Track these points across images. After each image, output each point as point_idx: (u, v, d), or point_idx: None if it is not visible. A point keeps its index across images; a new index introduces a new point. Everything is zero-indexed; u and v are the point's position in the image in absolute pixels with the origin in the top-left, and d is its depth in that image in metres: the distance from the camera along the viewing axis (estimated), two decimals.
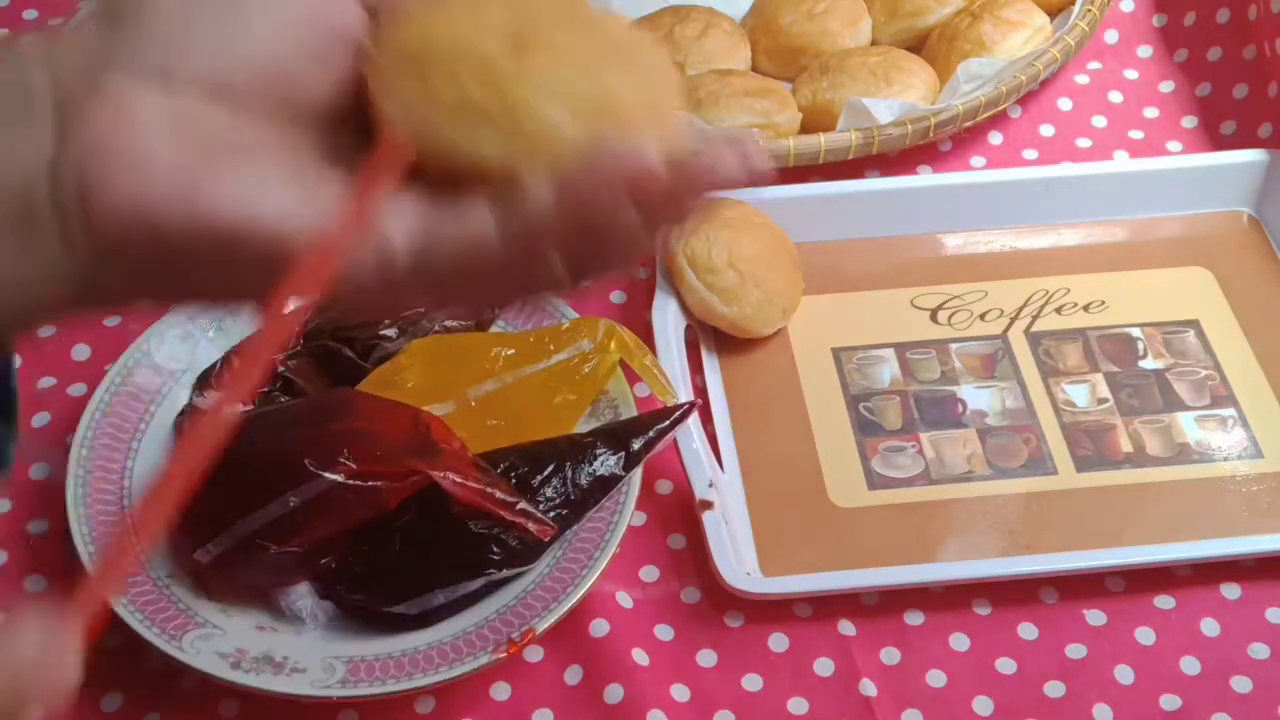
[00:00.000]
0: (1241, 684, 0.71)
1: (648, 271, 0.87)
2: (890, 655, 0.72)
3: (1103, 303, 0.87)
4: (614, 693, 0.70)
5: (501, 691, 0.70)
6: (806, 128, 0.93)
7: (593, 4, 0.44)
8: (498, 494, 0.69)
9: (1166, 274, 0.89)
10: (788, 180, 0.90)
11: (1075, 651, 0.72)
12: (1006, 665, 0.72)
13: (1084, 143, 0.97)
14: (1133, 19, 1.04)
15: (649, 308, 0.83)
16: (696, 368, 0.83)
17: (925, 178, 0.94)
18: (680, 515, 0.76)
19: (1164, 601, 0.74)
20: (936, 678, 0.71)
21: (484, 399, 0.76)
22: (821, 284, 0.87)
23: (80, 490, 0.72)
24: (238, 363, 0.62)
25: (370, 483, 0.68)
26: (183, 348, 0.79)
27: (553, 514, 0.71)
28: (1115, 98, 1.00)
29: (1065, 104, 0.99)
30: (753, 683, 0.71)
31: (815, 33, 0.98)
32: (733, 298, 0.82)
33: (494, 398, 0.76)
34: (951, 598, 0.74)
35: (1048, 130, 0.98)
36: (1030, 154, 0.96)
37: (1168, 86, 1.00)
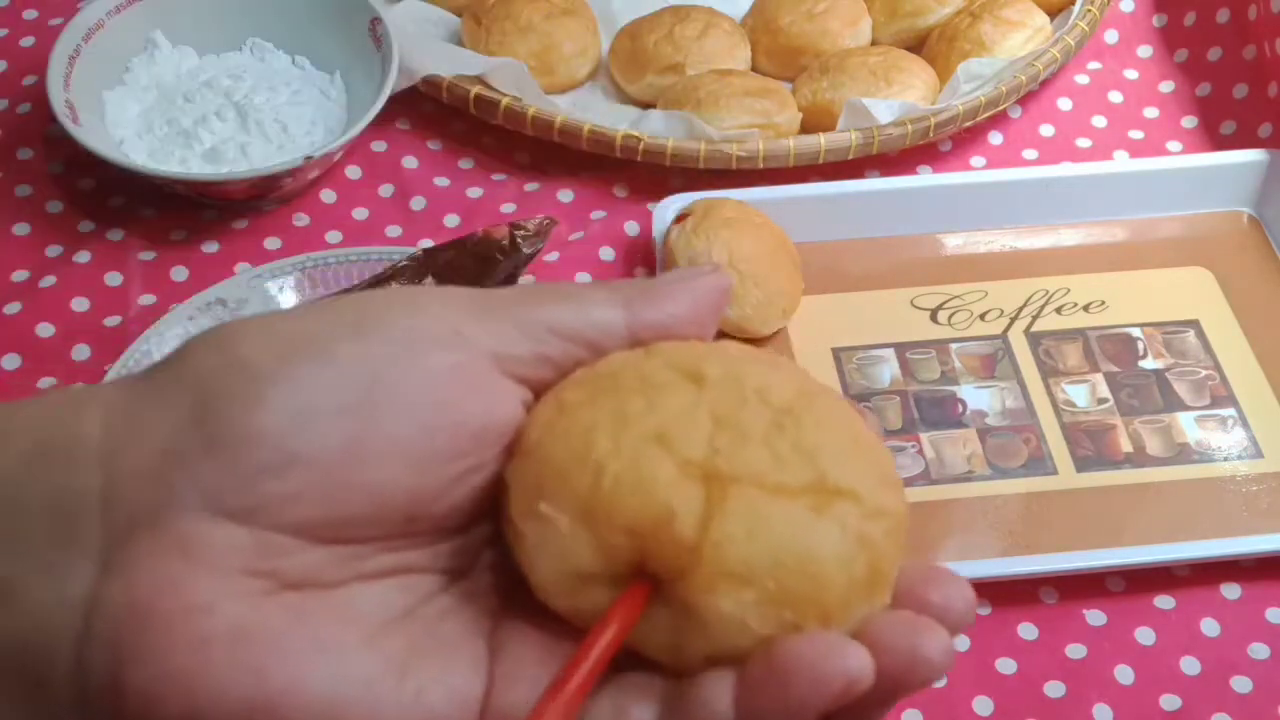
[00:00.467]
0: (1241, 684, 0.71)
1: (647, 271, 0.87)
2: None
3: (1103, 303, 0.87)
4: None
5: None
6: (806, 128, 0.93)
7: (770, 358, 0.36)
8: None
9: (1166, 274, 0.89)
10: (788, 180, 0.90)
11: (1075, 651, 0.72)
12: (1006, 665, 0.72)
13: (1084, 143, 0.97)
14: (1133, 19, 1.04)
15: None
16: None
17: (925, 178, 0.94)
18: None
19: (1164, 601, 0.74)
20: None
21: None
22: (821, 284, 0.87)
23: None
24: None
25: None
26: None
27: None
28: (1115, 98, 1.00)
29: (1065, 104, 0.99)
30: None
31: (815, 33, 0.98)
32: (733, 298, 0.82)
33: None
34: None
35: (1048, 130, 0.98)
36: (1030, 154, 0.96)
37: (1168, 86, 1.00)
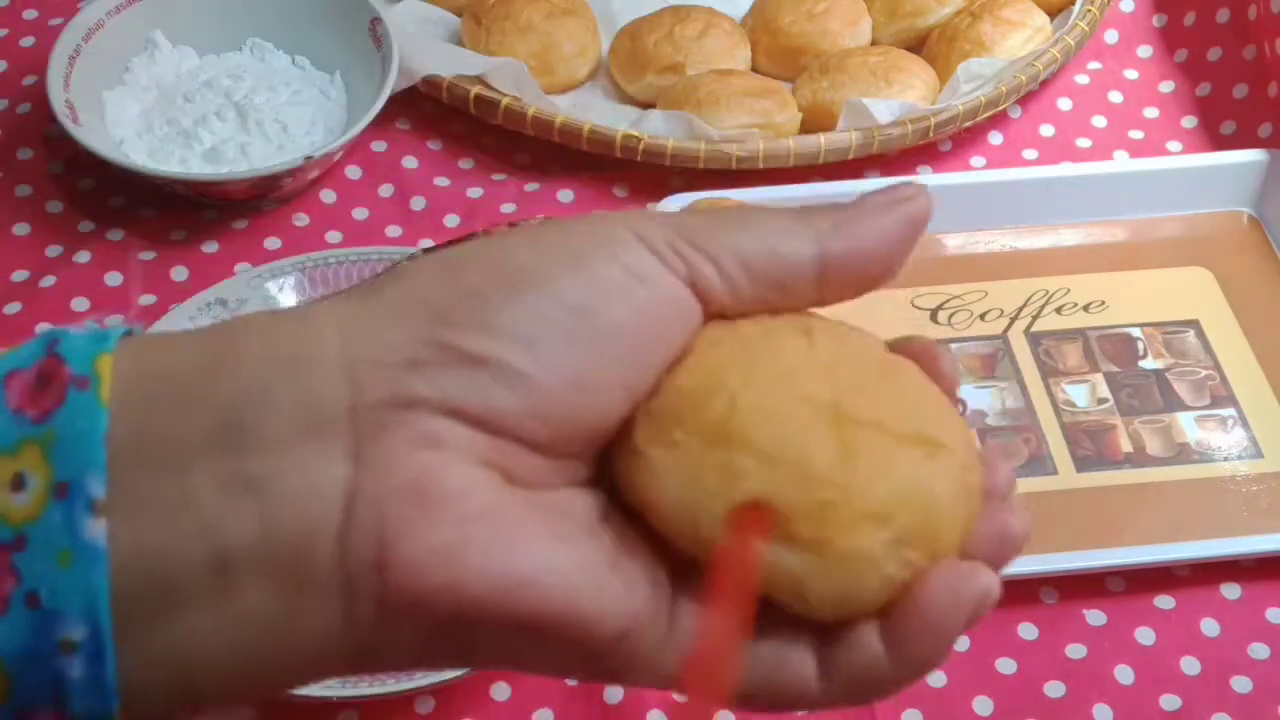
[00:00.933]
0: (1241, 684, 0.71)
1: None
2: None
3: (1103, 303, 0.87)
4: (614, 693, 0.70)
5: (501, 691, 0.70)
6: (806, 128, 0.93)
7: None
8: None
9: (1166, 274, 0.89)
10: (788, 180, 0.90)
11: (1075, 651, 0.72)
12: (1006, 665, 0.72)
13: (1084, 143, 0.97)
14: (1133, 19, 1.04)
15: None
16: None
17: (925, 178, 0.94)
18: None
19: (1164, 601, 0.74)
20: (936, 678, 0.71)
21: None
22: None
23: None
24: None
25: None
26: None
27: None
28: (1115, 98, 1.00)
29: (1065, 104, 0.99)
30: None
31: (815, 33, 0.98)
32: None
33: None
34: None
35: (1048, 130, 0.98)
36: (1030, 154, 0.96)
37: (1168, 86, 1.00)
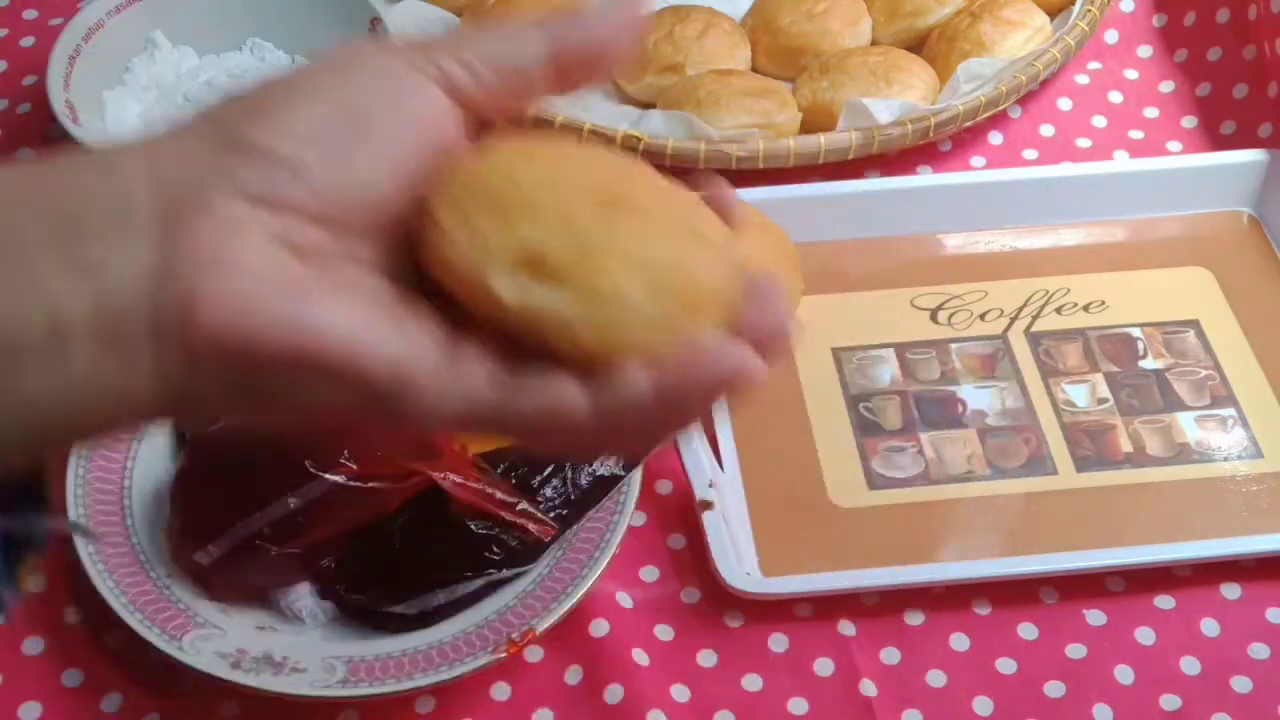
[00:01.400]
0: (1241, 684, 0.71)
1: None
2: (890, 655, 0.72)
3: (1103, 303, 0.87)
4: (614, 693, 0.70)
5: (501, 691, 0.70)
6: (806, 128, 0.93)
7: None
8: (498, 494, 0.69)
9: (1166, 274, 0.89)
10: (788, 180, 0.90)
11: (1075, 651, 0.72)
12: (1006, 665, 0.72)
13: (1084, 143, 0.97)
14: (1133, 19, 1.04)
15: None
16: None
17: (925, 178, 0.94)
18: (680, 515, 0.76)
19: (1164, 601, 0.74)
20: (936, 678, 0.71)
21: None
22: (821, 284, 0.87)
23: (80, 490, 0.72)
24: None
25: (370, 484, 0.68)
26: None
27: (553, 514, 0.71)
28: (1115, 98, 1.00)
29: (1065, 104, 0.99)
30: (753, 683, 0.71)
31: (815, 33, 0.98)
32: None
33: None
34: (951, 598, 0.74)
35: (1048, 130, 0.98)
36: (1030, 154, 0.96)
37: (1168, 86, 1.00)
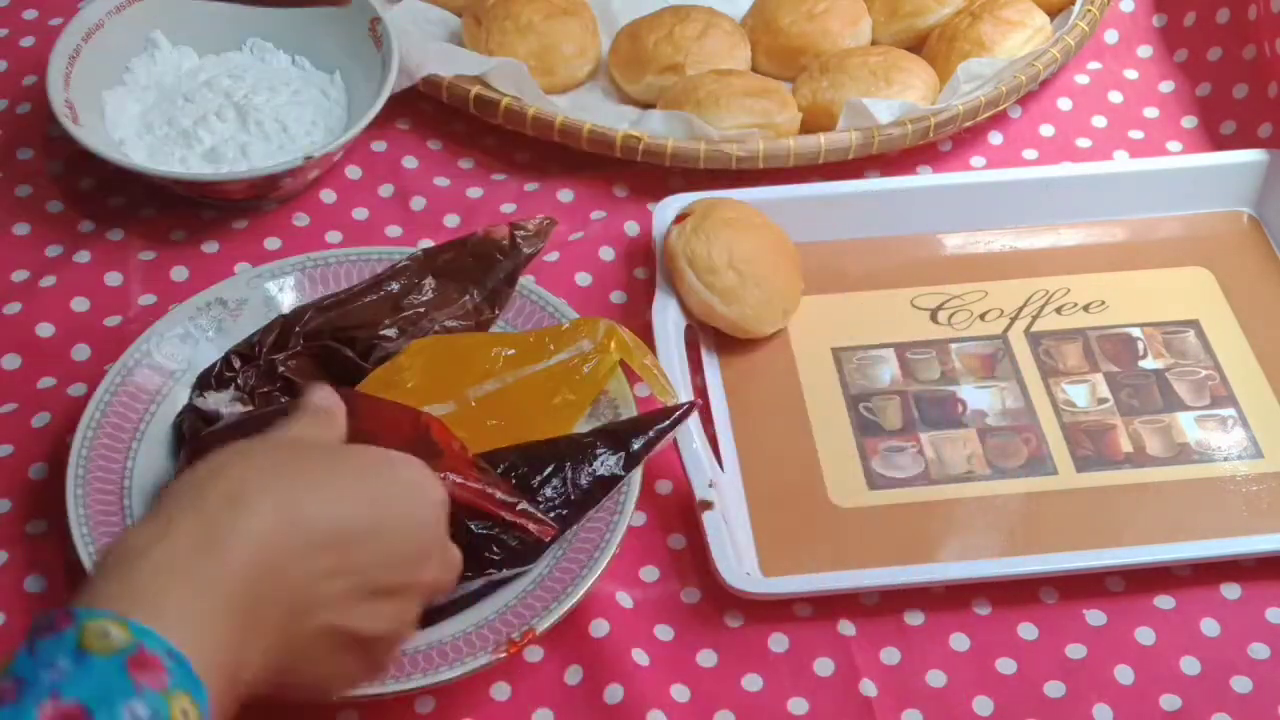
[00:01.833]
0: (1241, 684, 0.71)
1: (647, 271, 0.87)
2: (890, 655, 0.72)
3: (1103, 303, 0.87)
4: (614, 693, 0.70)
5: (501, 691, 0.70)
6: (806, 128, 0.93)
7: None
8: (498, 494, 0.69)
9: (1166, 274, 0.89)
10: (788, 180, 0.90)
11: (1075, 651, 0.72)
12: (1006, 665, 0.72)
13: (1084, 143, 0.97)
14: (1133, 19, 1.04)
15: (649, 308, 0.83)
16: (696, 368, 0.83)
17: (925, 178, 0.94)
18: (680, 515, 0.76)
19: (1164, 601, 0.74)
20: (936, 678, 0.71)
21: (484, 399, 0.76)
22: (821, 284, 0.87)
23: (80, 490, 0.72)
24: None
25: None
26: (182, 348, 0.79)
27: (553, 514, 0.71)
28: (1115, 98, 1.00)
29: (1065, 104, 0.99)
30: (753, 683, 0.71)
31: (815, 33, 0.98)
32: (733, 298, 0.82)
33: (494, 398, 0.76)
34: (951, 598, 0.74)
35: (1048, 130, 0.98)
36: (1030, 154, 0.96)
37: (1168, 86, 1.00)
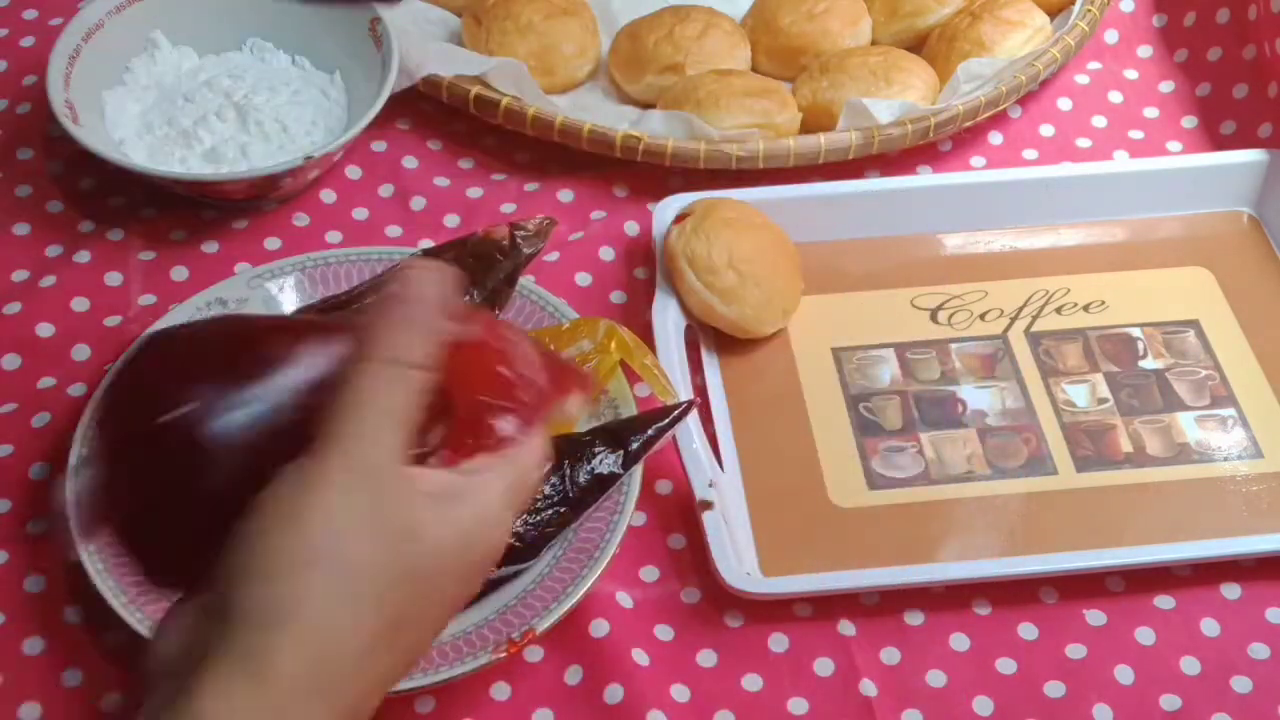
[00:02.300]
0: (1241, 684, 0.71)
1: (647, 271, 0.87)
2: (890, 655, 0.72)
3: (1103, 303, 0.87)
4: (614, 693, 0.70)
5: (501, 691, 0.70)
6: (806, 128, 0.93)
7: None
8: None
9: (1166, 274, 0.89)
10: (788, 180, 0.90)
11: (1075, 651, 0.72)
12: (1006, 665, 0.72)
13: (1084, 143, 0.97)
14: (1133, 19, 1.04)
15: (649, 308, 0.83)
16: (696, 368, 0.83)
17: (925, 178, 0.94)
18: (680, 515, 0.76)
19: (1164, 601, 0.74)
20: (936, 678, 0.71)
21: None
22: (821, 284, 0.87)
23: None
24: None
25: None
26: None
27: (550, 512, 0.70)
28: (1115, 98, 1.00)
29: (1065, 104, 0.99)
30: (753, 683, 0.71)
31: (815, 33, 0.98)
32: (733, 298, 0.82)
33: None
34: (951, 598, 0.74)
35: (1048, 130, 0.98)
36: (1030, 154, 0.96)
37: (1168, 86, 1.00)
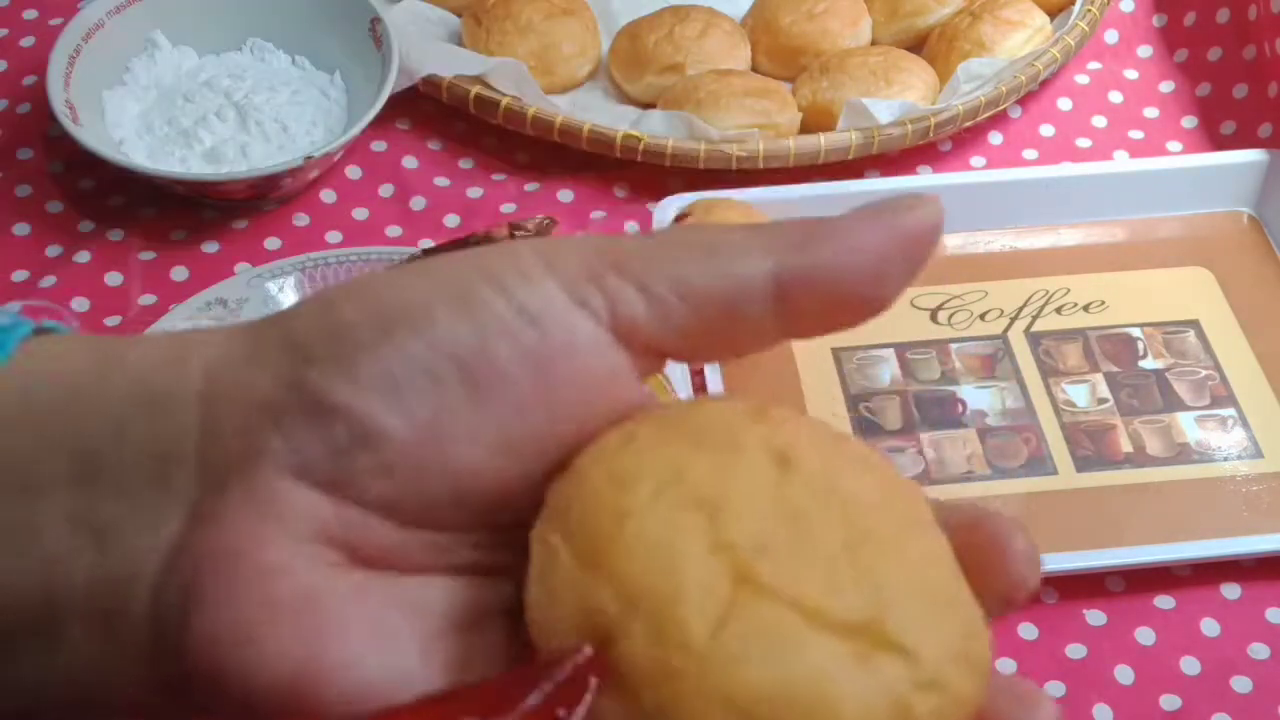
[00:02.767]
0: (1241, 684, 0.71)
1: None
2: None
3: (1103, 303, 0.87)
4: None
5: None
6: (806, 128, 0.93)
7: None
8: None
9: (1166, 274, 0.89)
10: (788, 180, 0.90)
11: (1075, 651, 0.72)
12: (1006, 665, 0.72)
13: (1084, 143, 0.97)
14: (1133, 19, 1.04)
15: None
16: (697, 368, 0.83)
17: (925, 178, 0.94)
18: None
19: (1164, 601, 0.74)
20: None
21: None
22: None
23: None
24: None
25: None
26: None
27: None
28: (1115, 98, 1.00)
29: (1065, 104, 0.99)
30: None
31: (815, 33, 0.98)
32: None
33: None
34: None
35: (1048, 130, 0.98)
36: (1030, 154, 0.96)
37: (1168, 86, 1.00)
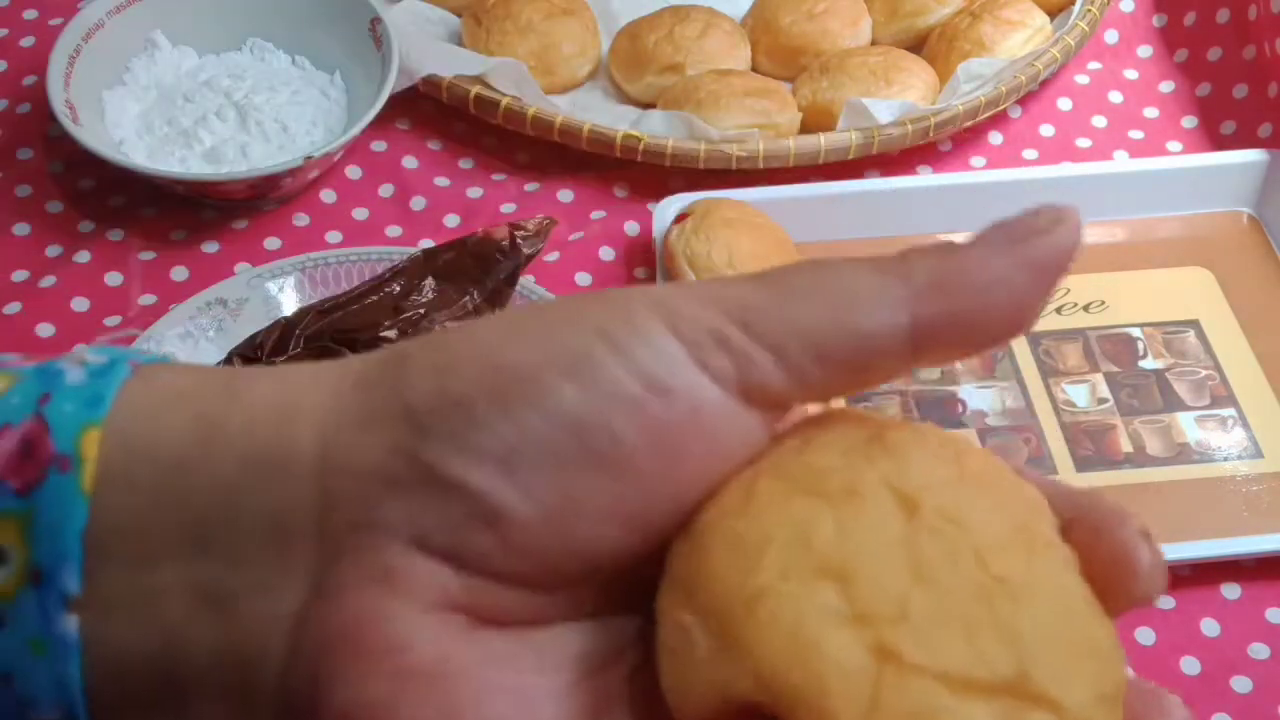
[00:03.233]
0: (1241, 684, 0.71)
1: (647, 271, 0.87)
2: None
3: (1103, 303, 0.87)
4: None
5: None
6: (806, 128, 0.93)
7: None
8: None
9: (1166, 274, 0.89)
10: (788, 180, 0.90)
11: None
12: None
13: (1084, 143, 0.97)
14: (1133, 19, 1.04)
15: None
16: None
17: (925, 178, 0.94)
18: None
19: (1164, 601, 0.74)
20: None
21: None
22: None
23: None
24: None
25: None
26: (183, 347, 0.79)
27: None
28: (1115, 98, 1.00)
29: (1065, 104, 0.99)
30: None
31: (815, 33, 0.98)
32: None
33: None
34: None
35: (1048, 130, 0.98)
36: (1030, 154, 0.96)
37: (1168, 86, 1.00)
